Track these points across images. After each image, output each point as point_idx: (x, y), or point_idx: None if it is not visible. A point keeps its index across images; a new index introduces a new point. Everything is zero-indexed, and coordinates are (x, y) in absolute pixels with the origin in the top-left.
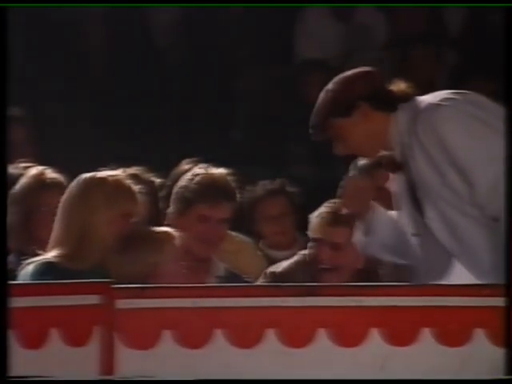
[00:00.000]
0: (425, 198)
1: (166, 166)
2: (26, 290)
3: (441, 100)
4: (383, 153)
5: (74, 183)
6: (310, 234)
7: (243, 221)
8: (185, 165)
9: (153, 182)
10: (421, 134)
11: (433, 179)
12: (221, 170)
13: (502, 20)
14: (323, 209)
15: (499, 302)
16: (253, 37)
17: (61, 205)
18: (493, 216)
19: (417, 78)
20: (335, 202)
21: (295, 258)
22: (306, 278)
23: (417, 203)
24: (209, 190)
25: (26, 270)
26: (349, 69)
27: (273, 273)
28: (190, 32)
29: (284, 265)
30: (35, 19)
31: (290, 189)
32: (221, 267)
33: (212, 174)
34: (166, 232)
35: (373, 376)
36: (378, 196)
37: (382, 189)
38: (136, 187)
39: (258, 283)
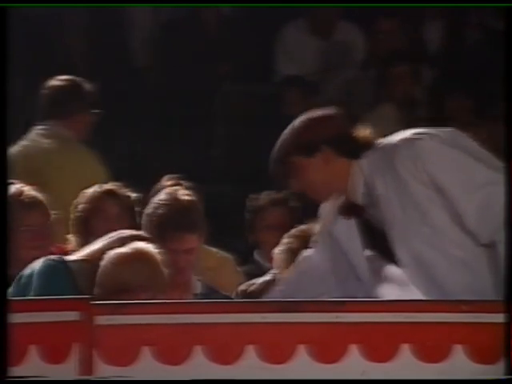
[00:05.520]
0: (396, 239)
1: (146, 181)
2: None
3: (415, 134)
4: (336, 197)
5: None
6: (275, 270)
7: (243, 228)
8: (166, 181)
9: (129, 197)
10: (401, 169)
11: (410, 218)
12: (187, 198)
13: (482, 36)
14: (285, 242)
15: (479, 318)
16: (232, 53)
17: None
18: (485, 244)
19: (395, 95)
20: (295, 236)
21: (266, 278)
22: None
23: (375, 247)
24: (170, 224)
25: None
26: (328, 86)
27: (244, 291)
28: (169, 49)
29: (255, 284)
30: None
31: (293, 202)
32: (197, 284)
33: (176, 203)
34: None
35: None
36: None
37: None
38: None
39: (237, 299)
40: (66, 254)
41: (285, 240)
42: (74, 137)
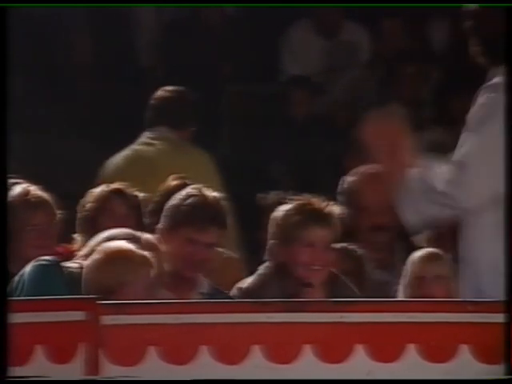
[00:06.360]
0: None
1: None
2: (11, 305)
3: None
4: None
5: None
6: (277, 242)
7: (243, 228)
8: (172, 180)
9: (136, 196)
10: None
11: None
12: (214, 194)
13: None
14: (292, 207)
15: (485, 318)
16: (236, 54)
17: None
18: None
19: (401, 95)
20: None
21: (261, 271)
22: (274, 291)
23: None
24: (199, 214)
25: None
26: (333, 86)
27: (240, 288)
28: (174, 48)
29: (250, 280)
30: (19, 31)
31: None
32: (204, 283)
33: (205, 197)
34: (144, 257)
35: None
36: None
37: None
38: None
39: (238, 299)
40: (72, 253)
41: (283, 208)
42: (182, 141)
